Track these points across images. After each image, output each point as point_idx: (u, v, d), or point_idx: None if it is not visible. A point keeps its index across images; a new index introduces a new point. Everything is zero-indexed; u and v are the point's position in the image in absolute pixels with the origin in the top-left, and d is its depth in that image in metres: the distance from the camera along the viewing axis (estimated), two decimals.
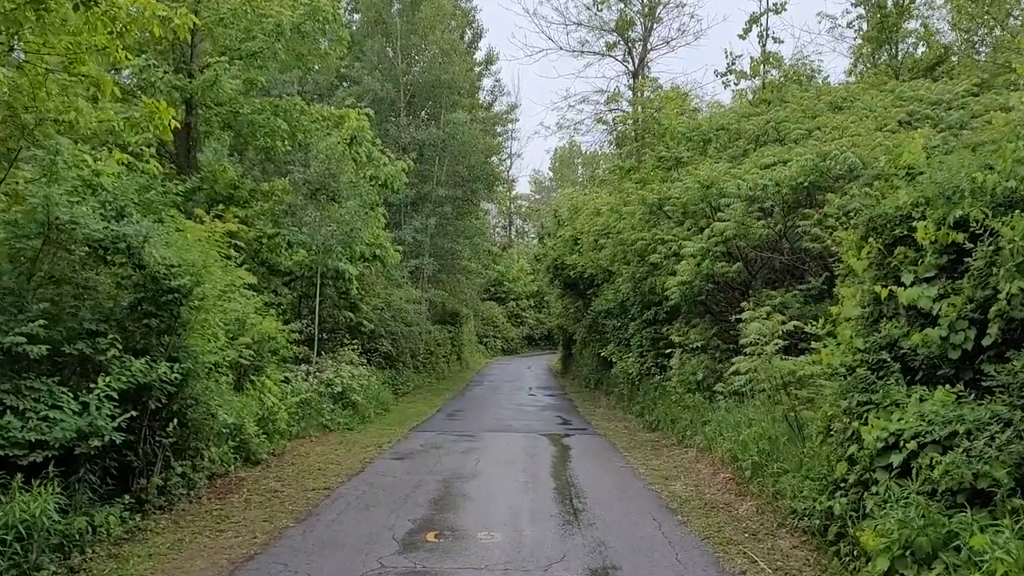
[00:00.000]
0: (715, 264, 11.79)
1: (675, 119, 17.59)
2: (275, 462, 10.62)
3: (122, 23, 7.37)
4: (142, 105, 8.91)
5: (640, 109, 21.69)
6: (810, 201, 11.24)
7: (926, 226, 6.16)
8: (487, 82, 41.87)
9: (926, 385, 6.08)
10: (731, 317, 12.26)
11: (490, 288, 49.19)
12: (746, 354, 8.82)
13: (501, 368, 36.10)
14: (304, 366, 15.02)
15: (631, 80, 27.20)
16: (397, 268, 22.15)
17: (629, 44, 27.49)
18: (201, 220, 11.24)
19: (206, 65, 14.52)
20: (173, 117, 9.24)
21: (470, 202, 31.28)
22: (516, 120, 65.33)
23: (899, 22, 20.19)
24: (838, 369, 6.83)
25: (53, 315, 6.88)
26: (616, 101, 27.32)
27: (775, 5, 20.61)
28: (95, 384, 6.68)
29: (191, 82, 14.17)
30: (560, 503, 8.35)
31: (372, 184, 18.29)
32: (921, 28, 20.79)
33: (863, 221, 6.94)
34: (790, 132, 14.11)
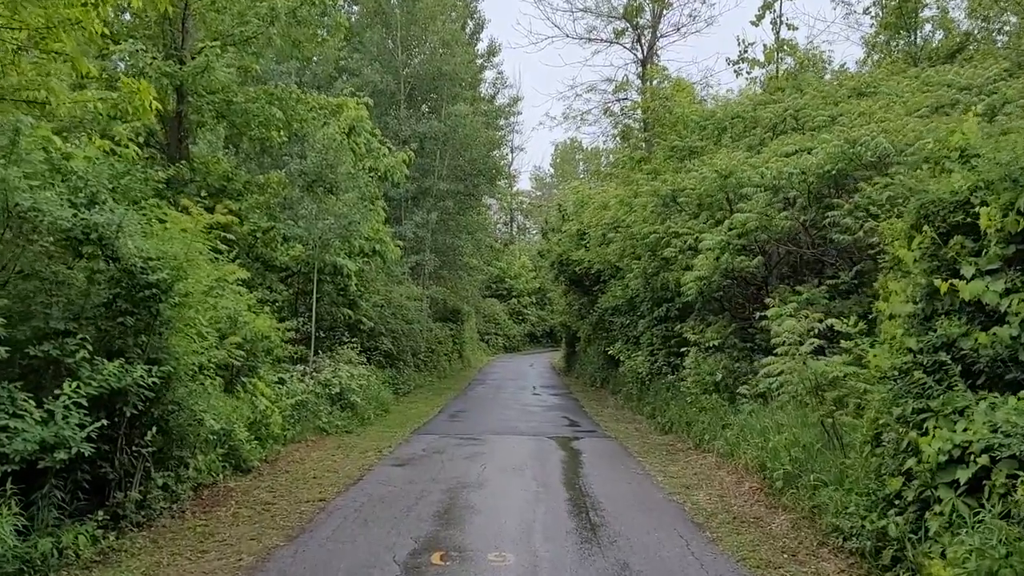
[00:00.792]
0: (735, 258, 11.13)
1: (688, 107, 16.87)
2: (268, 470, 9.95)
3: None
4: (121, 85, 8.23)
5: (649, 97, 20.92)
6: (837, 190, 10.57)
7: (990, 212, 5.51)
8: (489, 74, 41.26)
9: (990, 390, 5.45)
10: (750, 314, 11.64)
11: (492, 285, 48.62)
12: (777, 354, 8.13)
13: (503, 366, 35.46)
14: (300, 366, 14.35)
15: (640, 69, 26.42)
16: (397, 264, 21.49)
17: (638, 31, 26.66)
18: (188, 211, 10.54)
19: (198, 51, 13.85)
20: (155, 98, 8.59)
21: (472, 197, 30.61)
22: (519, 113, 64.72)
23: (917, 6, 19.44)
24: (888, 372, 6.16)
25: (16, 313, 6.22)
26: (624, 90, 26.49)
27: None
28: (62, 390, 6.02)
29: (182, 68, 13.48)
30: (576, 517, 7.68)
31: (371, 176, 17.63)
32: (939, 14, 20.04)
33: (914, 208, 6.26)
34: (811, 119, 13.43)
